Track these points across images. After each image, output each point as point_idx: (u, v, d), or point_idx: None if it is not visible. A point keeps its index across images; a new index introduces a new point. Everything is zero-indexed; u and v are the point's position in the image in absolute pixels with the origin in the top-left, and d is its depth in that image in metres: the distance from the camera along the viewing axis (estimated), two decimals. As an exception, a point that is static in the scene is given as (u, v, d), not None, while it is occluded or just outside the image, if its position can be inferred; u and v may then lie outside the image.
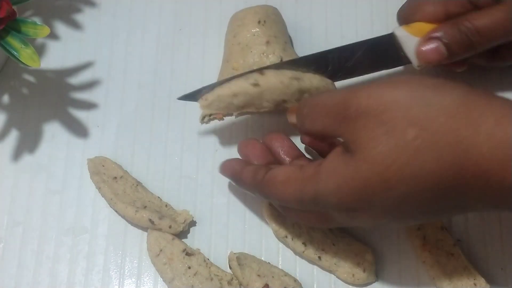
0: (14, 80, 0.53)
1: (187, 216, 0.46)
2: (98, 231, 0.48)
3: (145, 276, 0.46)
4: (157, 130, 0.51)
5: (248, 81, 0.45)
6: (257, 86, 0.45)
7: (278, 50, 0.48)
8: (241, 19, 0.50)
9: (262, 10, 0.50)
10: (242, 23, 0.49)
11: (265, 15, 0.49)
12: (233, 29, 0.50)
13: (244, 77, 0.45)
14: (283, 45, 0.49)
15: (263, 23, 0.49)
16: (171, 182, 0.49)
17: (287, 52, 0.49)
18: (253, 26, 0.49)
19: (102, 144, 0.50)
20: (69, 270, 0.47)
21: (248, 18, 0.49)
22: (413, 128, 0.34)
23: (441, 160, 0.33)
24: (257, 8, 0.50)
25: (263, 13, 0.50)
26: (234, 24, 0.50)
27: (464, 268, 0.44)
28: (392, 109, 0.35)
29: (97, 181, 0.48)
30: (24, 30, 0.45)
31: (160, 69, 0.53)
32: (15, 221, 0.48)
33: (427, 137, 0.34)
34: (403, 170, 0.34)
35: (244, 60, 0.48)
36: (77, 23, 0.55)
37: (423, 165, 0.34)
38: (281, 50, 0.48)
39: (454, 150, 0.33)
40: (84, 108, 0.52)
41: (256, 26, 0.49)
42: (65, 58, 0.53)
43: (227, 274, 0.45)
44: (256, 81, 0.45)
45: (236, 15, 0.51)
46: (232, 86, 0.45)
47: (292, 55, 0.49)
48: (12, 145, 0.50)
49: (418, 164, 0.34)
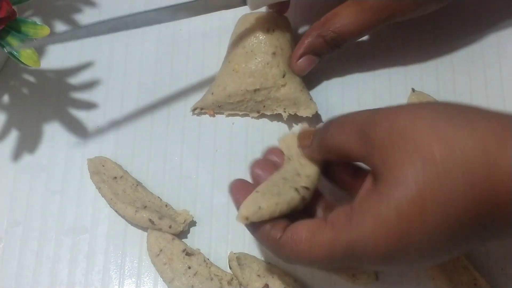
0: (14, 80, 0.53)
1: (187, 216, 0.46)
2: (98, 231, 0.48)
3: (145, 276, 0.46)
4: (157, 130, 0.51)
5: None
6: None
7: (282, 64, 0.48)
8: (250, 23, 0.49)
9: (272, 18, 0.49)
10: (250, 27, 0.49)
11: (274, 24, 0.49)
12: (240, 31, 0.50)
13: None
14: (288, 59, 0.49)
15: (272, 31, 0.49)
16: (171, 182, 0.49)
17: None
18: (261, 33, 0.49)
19: (102, 144, 0.50)
20: (69, 270, 0.47)
21: (257, 23, 0.49)
22: (441, 148, 0.31)
23: (473, 182, 0.31)
24: (267, 15, 0.50)
25: (273, 21, 0.49)
26: (242, 26, 0.50)
27: (464, 268, 0.44)
28: (419, 130, 0.32)
29: (97, 181, 0.48)
30: (24, 30, 0.45)
31: (160, 69, 0.53)
32: (15, 221, 0.48)
33: (457, 158, 0.31)
34: (437, 194, 0.31)
35: (246, 64, 0.48)
36: (77, 23, 0.55)
37: (456, 188, 0.31)
38: (285, 64, 0.48)
39: (486, 172, 0.31)
40: (84, 108, 0.52)
41: (265, 33, 0.49)
42: (65, 58, 0.53)
43: (227, 274, 0.45)
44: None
45: (246, 17, 0.50)
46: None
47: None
48: (12, 145, 0.50)
49: (451, 187, 0.31)
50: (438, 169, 0.31)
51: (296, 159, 0.41)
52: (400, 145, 0.32)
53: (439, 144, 0.31)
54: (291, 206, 0.38)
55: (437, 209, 0.31)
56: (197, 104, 0.51)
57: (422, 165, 0.31)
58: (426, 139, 0.32)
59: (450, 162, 0.31)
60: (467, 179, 0.31)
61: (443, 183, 0.31)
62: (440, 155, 0.31)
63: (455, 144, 0.31)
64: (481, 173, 0.31)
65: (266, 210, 0.38)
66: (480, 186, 0.31)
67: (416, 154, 0.32)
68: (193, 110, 0.51)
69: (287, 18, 0.51)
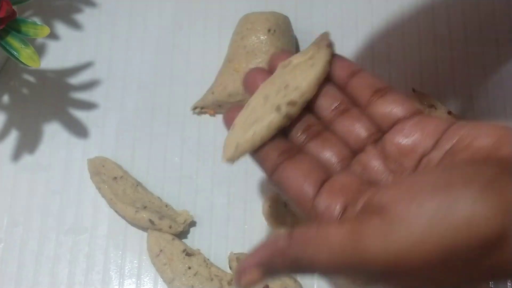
0: (14, 80, 0.53)
1: (187, 216, 0.46)
2: (98, 231, 0.48)
3: (145, 276, 0.46)
4: (157, 130, 0.51)
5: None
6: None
7: None
8: (251, 23, 0.50)
9: (274, 18, 0.50)
10: (252, 27, 0.49)
11: (275, 24, 0.49)
12: (241, 31, 0.50)
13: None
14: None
15: (273, 32, 0.49)
16: (171, 182, 0.49)
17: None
18: (263, 33, 0.49)
19: (102, 144, 0.50)
20: (69, 270, 0.47)
21: (258, 23, 0.49)
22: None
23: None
24: (269, 15, 0.50)
25: (274, 22, 0.49)
26: (243, 26, 0.50)
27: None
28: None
29: (97, 181, 0.48)
30: (24, 30, 0.45)
31: (160, 69, 0.53)
32: (15, 221, 0.48)
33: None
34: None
35: (247, 64, 0.48)
36: (77, 23, 0.55)
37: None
38: None
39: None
40: (84, 108, 0.52)
41: (266, 34, 0.49)
42: (65, 58, 0.53)
43: (227, 275, 0.45)
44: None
45: (248, 17, 0.50)
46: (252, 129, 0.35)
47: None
48: (12, 145, 0.50)
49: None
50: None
51: (290, 68, 0.35)
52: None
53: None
54: (272, 128, 0.34)
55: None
56: (198, 103, 0.51)
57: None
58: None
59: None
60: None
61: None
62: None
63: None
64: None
65: (244, 145, 0.34)
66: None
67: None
68: (193, 109, 0.51)
69: (289, 18, 0.51)
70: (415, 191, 0.28)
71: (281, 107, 0.34)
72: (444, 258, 0.27)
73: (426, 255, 0.27)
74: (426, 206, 0.27)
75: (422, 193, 0.28)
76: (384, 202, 0.29)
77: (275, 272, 0.32)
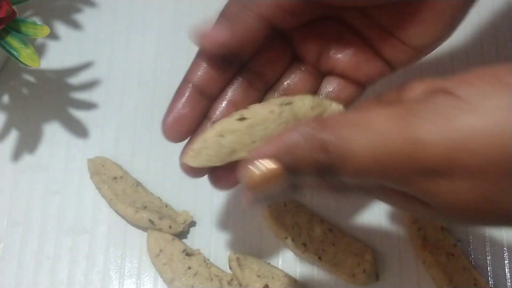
0: (14, 80, 0.53)
1: (187, 216, 0.46)
2: (98, 231, 0.48)
3: (145, 277, 0.46)
4: (157, 130, 0.51)
5: (232, 117, 0.37)
6: (244, 120, 0.37)
7: None
8: None
9: None
10: None
11: None
12: None
13: (228, 116, 0.38)
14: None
15: None
16: (171, 182, 0.49)
17: None
18: None
19: (102, 144, 0.50)
20: (69, 270, 0.47)
21: None
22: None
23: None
24: None
25: None
26: None
27: (464, 268, 0.44)
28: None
29: (97, 181, 0.48)
30: (24, 30, 0.45)
31: (160, 69, 0.53)
32: (15, 221, 0.48)
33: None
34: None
35: None
36: (77, 23, 0.55)
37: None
38: None
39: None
40: (84, 108, 0.52)
41: None
42: (65, 58, 0.53)
43: (227, 275, 0.45)
44: (241, 115, 0.37)
45: None
46: (216, 126, 0.37)
47: None
48: (12, 145, 0.50)
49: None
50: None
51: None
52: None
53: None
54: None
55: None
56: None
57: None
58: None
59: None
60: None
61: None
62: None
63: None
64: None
65: (212, 159, 0.36)
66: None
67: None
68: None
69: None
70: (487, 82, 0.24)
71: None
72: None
73: (501, 148, 0.22)
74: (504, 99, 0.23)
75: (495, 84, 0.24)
76: (450, 87, 0.24)
77: (296, 168, 0.26)
